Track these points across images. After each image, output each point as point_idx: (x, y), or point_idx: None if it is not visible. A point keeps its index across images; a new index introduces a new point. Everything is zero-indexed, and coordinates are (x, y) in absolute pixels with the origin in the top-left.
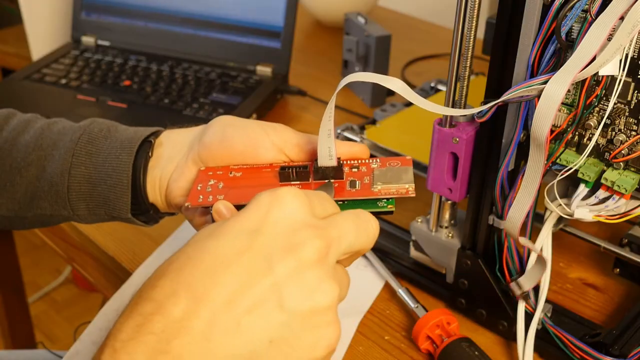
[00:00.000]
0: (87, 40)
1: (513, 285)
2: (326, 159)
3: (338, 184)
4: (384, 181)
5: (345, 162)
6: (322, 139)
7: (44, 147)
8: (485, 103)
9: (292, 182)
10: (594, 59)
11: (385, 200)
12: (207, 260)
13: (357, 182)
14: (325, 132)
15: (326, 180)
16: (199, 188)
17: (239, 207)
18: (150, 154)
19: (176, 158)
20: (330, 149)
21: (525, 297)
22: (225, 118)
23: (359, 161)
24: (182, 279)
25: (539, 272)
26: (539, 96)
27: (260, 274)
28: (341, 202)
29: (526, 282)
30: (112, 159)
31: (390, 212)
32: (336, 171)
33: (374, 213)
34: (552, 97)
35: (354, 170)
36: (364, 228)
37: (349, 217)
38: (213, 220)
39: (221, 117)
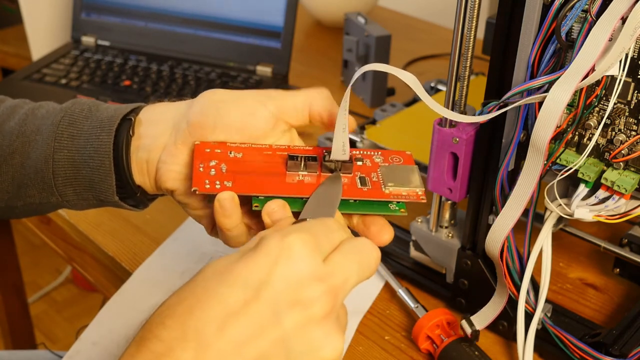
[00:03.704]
0: (87, 40)
1: (463, 322)
2: (339, 154)
3: (348, 179)
4: (394, 182)
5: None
6: (337, 134)
7: (27, 134)
8: (485, 104)
9: (300, 172)
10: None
11: (396, 203)
12: (216, 308)
13: (366, 179)
14: (340, 127)
15: (333, 172)
16: (200, 169)
17: (246, 197)
18: (131, 132)
19: (161, 138)
20: (344, 144)
21: (476, 335)
22: (214, 93)
23: (362, 152)
24: (191, 323)
25: (495, 311)
26: (540, 100)
27: (268, 326)
28: (353, 201)
29: (479, 320)
30: (93, 139)
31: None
32: (346, 166)
33: (385, 215)
34: (555, 103)
35: (358, 163)
36: (366, 264)
37: (353, 258)
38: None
39: (208, 93)
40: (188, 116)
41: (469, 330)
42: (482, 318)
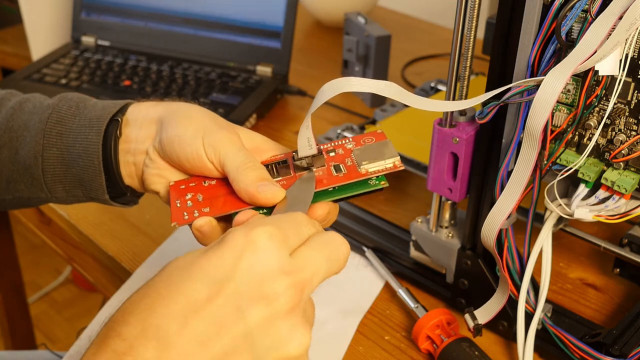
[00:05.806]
0: (87, 40)
1: (467, 316)
2: (306, 149)
3: (322, 171)
4: (368, 160)
5: (322, 147)
6: (302, 131)
7: (15, 129)
8: (485, 104)
9: (275, 180)
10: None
11: (375, 178)
12: (178, 304)
13: (341, 165)
14: (305, 126)
15: (307, 169)
16: (178, 204)
17: (227, 217)
18: (118, 133)
19: (145, 142)
20: (309, 139)
21: (478, 328)
22: (180, 121)
23: (332, 144)
24: (152, 320)
25: (497, 305)
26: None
27: (232, 322)
28: (332, 189)
29: (482, 314)
30: (82, 139)
31: (383, 188)
32: (317, 159)
33: (367, 192)
34: (550, 89)
35: (331, 154)
36: (335, 258)
37: (321, 252)
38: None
39: (180, 119)
40: (161, 132)
41: (471, 324)
42: (485, 312)
